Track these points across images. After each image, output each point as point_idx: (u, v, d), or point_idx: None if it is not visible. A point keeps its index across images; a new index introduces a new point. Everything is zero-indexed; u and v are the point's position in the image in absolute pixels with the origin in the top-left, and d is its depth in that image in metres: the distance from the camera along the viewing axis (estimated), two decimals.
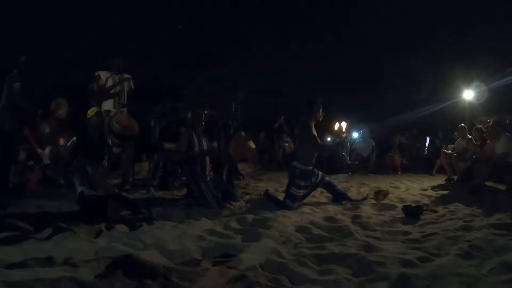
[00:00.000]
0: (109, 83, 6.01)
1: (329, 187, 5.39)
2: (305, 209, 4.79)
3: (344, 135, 5.87)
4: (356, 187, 7.18)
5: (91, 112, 4.59)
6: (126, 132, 5.54)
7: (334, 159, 10.50)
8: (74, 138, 4.37)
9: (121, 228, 3.66)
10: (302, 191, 5.04)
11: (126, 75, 6.16)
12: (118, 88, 6.05)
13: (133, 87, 6.22)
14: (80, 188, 4.29)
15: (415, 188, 7.02)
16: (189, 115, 5.45)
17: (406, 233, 3.57)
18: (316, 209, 4.83)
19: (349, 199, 5.32)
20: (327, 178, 5.37)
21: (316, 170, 5.24)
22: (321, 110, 5.19)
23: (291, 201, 4.90)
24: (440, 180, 8.02)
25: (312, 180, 5.14)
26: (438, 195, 5.93)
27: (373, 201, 5.26)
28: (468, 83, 13.46)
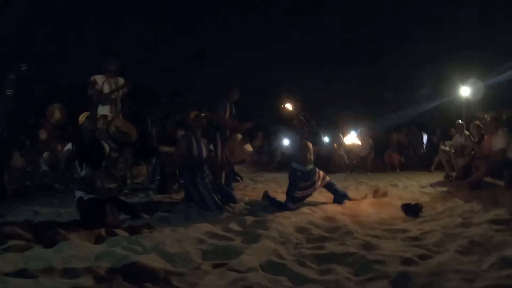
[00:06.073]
0: (106, 87, 5.98)
1: (330, 186, 5.39)
2: (304, 209, 4.79)
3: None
4: (355, 186, 7.18)
5: (82, 117, 4.58)
6: (124, 137, 5.53)
7: (332, 158, 10.51)
8: (70, 144, 4.36)
9: (121, 232, 3.67)
10: (303, 192, 5.04)
11: (121, 80, 6.13)
12: (114, 94, 6.03)
13: (126, 92, 6.19)
14: (78, 193, 4.29)
15: (413, 185, 7.03)
16: (190, 116, 5.40)
17: (405, 231, 3.58)
18: (315, 209, 4.83)
19: (349, 199, 5.33)
20: (327, 178, 5.36)
21: (316, 169, 5.24)
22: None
23: (292, 203, 4.90)
24: (438, 177, 8.02)
25: (313, 180, 5.13)
26: (436, 192, 5.94)
27: (372, 200, 5.27)
28: (464, 79, 13.46)
